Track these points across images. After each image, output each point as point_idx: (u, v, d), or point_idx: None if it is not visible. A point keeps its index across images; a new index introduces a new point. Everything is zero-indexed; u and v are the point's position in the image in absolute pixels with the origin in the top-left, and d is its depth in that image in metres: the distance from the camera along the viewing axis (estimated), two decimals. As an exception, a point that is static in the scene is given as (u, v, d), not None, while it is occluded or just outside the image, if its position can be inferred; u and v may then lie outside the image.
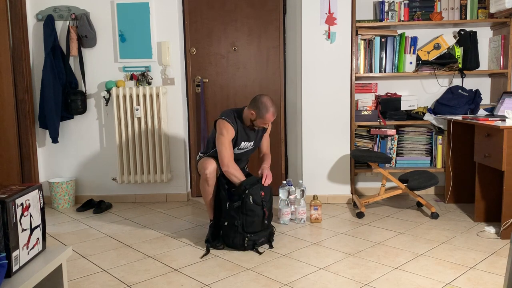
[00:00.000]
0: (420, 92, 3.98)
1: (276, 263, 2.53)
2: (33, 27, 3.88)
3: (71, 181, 3.90)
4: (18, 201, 1.44)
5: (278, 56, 4.01)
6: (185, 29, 4.01)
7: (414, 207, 3.63)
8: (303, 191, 3.33)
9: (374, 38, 3.75)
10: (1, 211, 1.36)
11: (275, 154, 4.05)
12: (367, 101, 3.78)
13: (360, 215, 3.38)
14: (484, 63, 3.91)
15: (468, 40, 3.74)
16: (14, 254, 1.41)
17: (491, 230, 2.96)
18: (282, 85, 4.04)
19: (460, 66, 3.78)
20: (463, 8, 3.72)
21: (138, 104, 3.81)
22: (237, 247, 2.73)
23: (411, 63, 3.78)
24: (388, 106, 3.79)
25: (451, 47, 3.79)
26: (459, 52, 3.78)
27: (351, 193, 3.80)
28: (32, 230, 1.53)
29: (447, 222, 3.21)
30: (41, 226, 1.60)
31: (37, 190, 1.58)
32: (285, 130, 4.10)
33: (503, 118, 3.03)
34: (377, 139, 3.85)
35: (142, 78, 3.88)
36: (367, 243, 2.82)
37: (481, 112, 3.66)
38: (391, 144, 3.84)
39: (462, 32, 3.77)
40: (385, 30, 3.78)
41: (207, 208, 2.92)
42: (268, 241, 2.81)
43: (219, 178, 2.85)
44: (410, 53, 3.77)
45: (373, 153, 3.50)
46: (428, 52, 3.77)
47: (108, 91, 3.87)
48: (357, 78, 3.90)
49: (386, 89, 3.98)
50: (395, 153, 3.85)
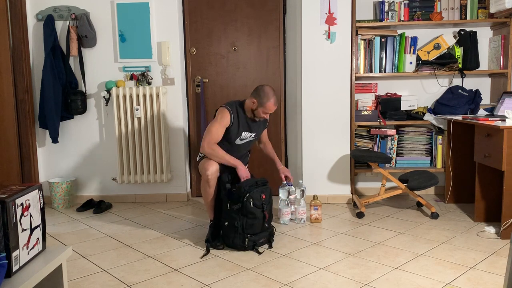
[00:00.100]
0: (420, 92, 3.98)
1: (276, 263, 2.53)
2: (33, 27, 3.88)
3: (71, 181, 3.90)
4: (18, 201, 1.44)
5: (278, 56, 4.01)
6: (185, 29, 4.00)
7: (414, 207, 3.63)
8: (303, 191, 3.33)
9: (374, 38, 3.75)
10: (1, 211, 1.36)
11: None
12: (367, 101, 3.78)
13: (360, 215, 3.38)
14: (484, 63, 3.90)
15: (468, 40, 3.74)
16: (14, 254, 1.41)
17: (491, 230, 2.96)
18: (282, 85, 4.04)
19: (460, 66, 3.78)
20: (463, 8, 3.72)
21: (138, 104, 3.81)
22: (237, 247, 2.72)
23: (411, 63, 3.78)
24: (388, 106, 3.79)
25: (451, 47, 3.79)
26: (459, 52, 3.78)
27: (351, 193, 3.80)
28: (32, 230, 1.53)
29: (447, 222, 3.21)
30: (41, 226, 1.60)
31: (37, 190, 1.58)
32: (285, 130, 4.10)
33: (503, 118, 3.03)
34: (377, 139, 3.85)
35: (142, 78, 3.87)
36: (367, 243, 2.82)
37: (481, 112, 3.66)
38: (391, 144, 3.84)
39: (462, 32, 3.77)
40: (385, 30, 3.78)
41: (207, 208, 2.92)
42: (268, 241, 2.81)
43: (220, 178, 2.84)
44: (410, 53, 3.77)
45: (373, 153, 3.50)
46: (428, 52, 3.77)
47: (108, 91, 3.87)
48: (357, 78, 3.89)
49: (386, 89, 3.98)
50: (395, 153, 3.85)
